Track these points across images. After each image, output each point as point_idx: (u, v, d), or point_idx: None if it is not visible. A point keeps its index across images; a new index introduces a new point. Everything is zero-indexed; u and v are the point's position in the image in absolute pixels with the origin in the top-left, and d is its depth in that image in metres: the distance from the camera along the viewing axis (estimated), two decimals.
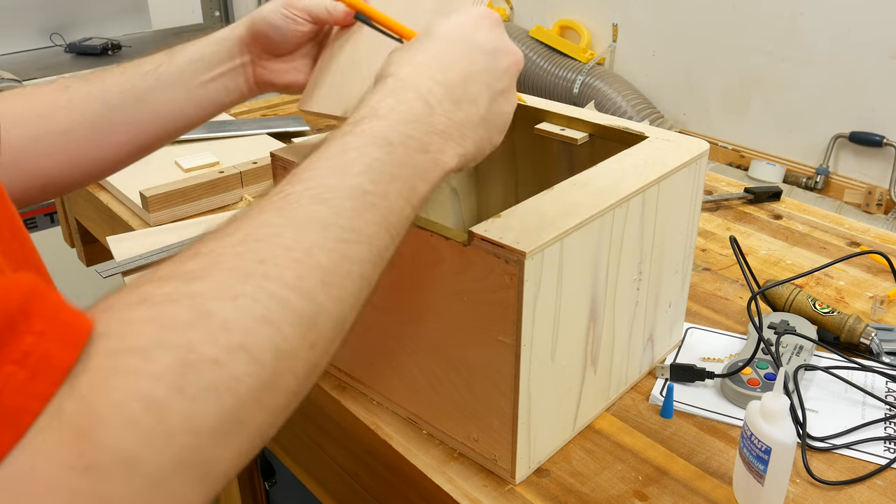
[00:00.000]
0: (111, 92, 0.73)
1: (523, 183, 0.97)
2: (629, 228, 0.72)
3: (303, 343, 0.39)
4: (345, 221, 0.44)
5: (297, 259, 0.40)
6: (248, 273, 0.38)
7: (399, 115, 0.49)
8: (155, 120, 0.74)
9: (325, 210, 0.43)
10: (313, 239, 0.42)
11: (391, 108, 0.50)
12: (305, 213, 0.43)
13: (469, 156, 0.54)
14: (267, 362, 0.36)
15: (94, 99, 0.72)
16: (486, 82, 0.54)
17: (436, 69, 0.53)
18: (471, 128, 0.53)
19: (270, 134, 1.48)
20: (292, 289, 0.39)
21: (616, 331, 0.76)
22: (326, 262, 0.42)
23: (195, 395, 0.33)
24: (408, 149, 0.49)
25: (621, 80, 2.59)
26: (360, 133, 0.48)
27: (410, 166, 0.49)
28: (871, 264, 1.07)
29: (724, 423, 0.78)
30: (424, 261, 0.68)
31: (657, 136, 0.82)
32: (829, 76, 2.19)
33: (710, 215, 1.21)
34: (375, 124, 0.48)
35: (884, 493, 0.70)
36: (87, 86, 0.73)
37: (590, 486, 0.70)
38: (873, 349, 0.86)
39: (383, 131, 0.48)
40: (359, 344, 0.79)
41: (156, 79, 0.74)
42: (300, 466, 1.02)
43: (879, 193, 2.15)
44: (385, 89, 0.51)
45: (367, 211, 0.45)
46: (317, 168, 0.46)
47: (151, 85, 0.74)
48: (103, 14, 2.83)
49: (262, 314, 0.37)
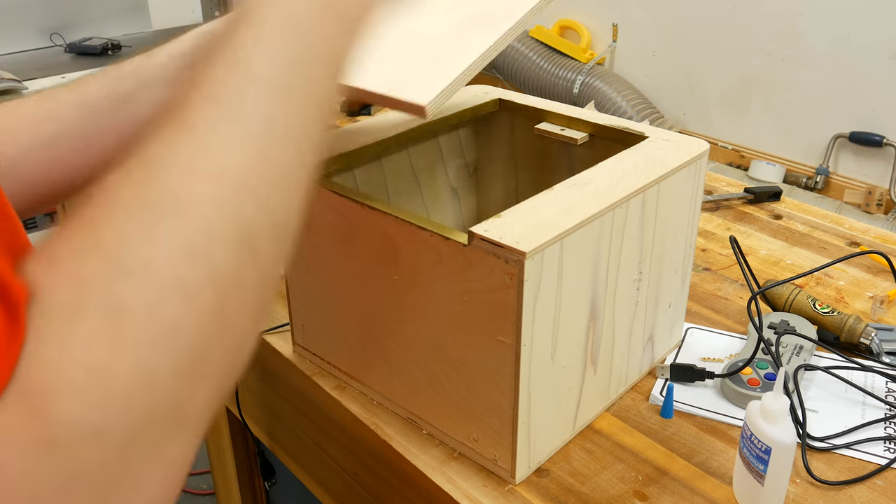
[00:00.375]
0: (94, 97, 0.70)
1: (523, 183, 0.97)
2: (629, 228, 0.72)
3: (240, 264, 0.35)
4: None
5: (212, 174, 0.36)
6: (156, 205, 0.34)
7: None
8: (139, 123, 0.71)
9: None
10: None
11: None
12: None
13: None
14: (205, 296, 0.33)
15: (78, 106, 0.70)
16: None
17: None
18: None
19: None
20: (216, 205, 0.35)
21: (616, 331, 0.76)
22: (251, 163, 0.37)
23: (136, 351, 0.30)
24: (317, 23, 0.45)
25: (621, 80, 2.59)
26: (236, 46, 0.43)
27: (326, 39, 0.45)
28: (871, 264, 1.07)
29: (724, 423, 0.78)
30: (424, 261, 0.68)
31: (657, 136, 0.82)
32: (829, 76, 2.19)
33: (710, 215, 1.21)
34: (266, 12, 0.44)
35: (884, 493, 0.70)
36: (70, 94, 0.70)
37: (590, 486, 0.71)
38: (873, 349, 0.86)
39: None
40: (359, 344, 0.79)
41: (137, 80, 0.71)
42: (300, 466, 1.02)
43: (879, 193, 2.15)
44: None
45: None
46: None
47: (133, 86, 0.71)
48: (103, 14, 2.83)
49: (184, 246, 0.33)
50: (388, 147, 0.83)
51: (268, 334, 0.92)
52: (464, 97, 0.94)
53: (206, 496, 2.05)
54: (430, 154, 0.92)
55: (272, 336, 0.92)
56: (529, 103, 0.92)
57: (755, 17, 2.30)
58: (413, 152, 0.90)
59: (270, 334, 0.92)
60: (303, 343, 0.87)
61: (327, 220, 0.75)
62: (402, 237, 0.68)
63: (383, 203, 0.70)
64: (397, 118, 0.87)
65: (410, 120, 0.86)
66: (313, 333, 0.85)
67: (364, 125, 0.85)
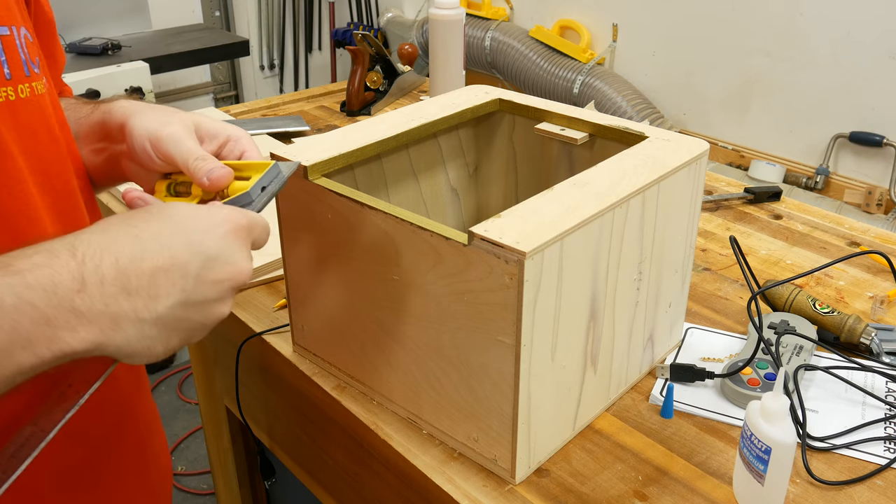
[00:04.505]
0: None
1: (523, 183, 0.97)
2: (629, 228, 0.72)
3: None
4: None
5: None
6: None
7: (34, 278, 0.45)
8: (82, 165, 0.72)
9: None
10: None
11: (34, 265, 0.46)
12: None
13: (116, 348, 0.48)
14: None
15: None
16: (182, 287, 0.50)
17: (129, 251, 0.49)
18: (134, 322, 0.48)
19: (270, 134, 1.49)
20: None
21: (616, 331, 0.76)
22: None
23: None
24: (21, 315, 0.44)
25: (621, 80, 2.59)
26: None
27: (13, 332, 0.44)
28: (871, 264, 1.07)
29: (724, 423, 0.78)
30: (424, 261, 0.68)
31: (657, 136, 0.82)
32: (829, 76, 2.19)
33: (710, 215, 1.21)
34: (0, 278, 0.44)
35: (884, 493, 0.70)
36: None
37: (590, 486, 0.71)
38: (873, 349, 0.86)
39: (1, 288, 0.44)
40: (359, 344, 0.79)
41: (77, 129, 0.72)
42: (300, 466, 1.02)
43: (879, 193, 2.15)
44: (47, 245, 0.48)
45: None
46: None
47: (76, 132, 0.72)
48: (103, 14, 2.84)
49: None
50: (388, 147, 0.83)
51: (268, 334, 0.92)
52: (464, 97, 0.94)
53: (206, 496, 2.05)
54: (430, 154, 0.92)
55: (272, 336, 0.92)
56: (529, 103, 0.92)
57: (755, 17, 2.29)
58: (413, 152, 0.90)
59: (270, 334, 0.92)
60: (303, 343, 0.87)
61: (327, 220, 0.75)
62: (402, 237, 0.68)
63: (383, 203, 0.70)
64: (397, 118, 0.87)
65: (410, 120, 0.86)
66: (313, 333, 0.85)
67: (364, 125, 0.85)
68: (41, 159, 0.62)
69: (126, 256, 0.49)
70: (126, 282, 0.48)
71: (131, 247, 0.49)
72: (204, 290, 0.52)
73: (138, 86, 2.35)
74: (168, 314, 0.50)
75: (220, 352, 1.14)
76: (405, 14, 3.41)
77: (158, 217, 0.53)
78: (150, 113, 0.68)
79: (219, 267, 0.53)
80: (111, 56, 2.52)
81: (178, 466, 2.15)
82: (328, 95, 1.78)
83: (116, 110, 0.70)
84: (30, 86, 0.60)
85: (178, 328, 0.51)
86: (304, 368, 0.86)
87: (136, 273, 0.49)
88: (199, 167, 0.62)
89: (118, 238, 0.50)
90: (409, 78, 1.76)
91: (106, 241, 0.49)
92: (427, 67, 1.63)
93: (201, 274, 0.52)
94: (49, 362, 0.46)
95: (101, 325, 0.47)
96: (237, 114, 1.64)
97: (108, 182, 0.75)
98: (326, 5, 3.65)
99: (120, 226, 0.51)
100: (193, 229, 0.53)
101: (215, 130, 0.68)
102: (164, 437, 0.85)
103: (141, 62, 2.40)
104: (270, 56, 3.74)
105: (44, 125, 0.63)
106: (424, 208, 0.94)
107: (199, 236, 0.53)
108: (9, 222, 0.58)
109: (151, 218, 0.53)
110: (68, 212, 0.65)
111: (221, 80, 3.62)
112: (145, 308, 0.49)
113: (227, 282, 0.53)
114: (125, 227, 0.51)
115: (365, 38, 1.62)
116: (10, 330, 0.44)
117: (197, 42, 2.75)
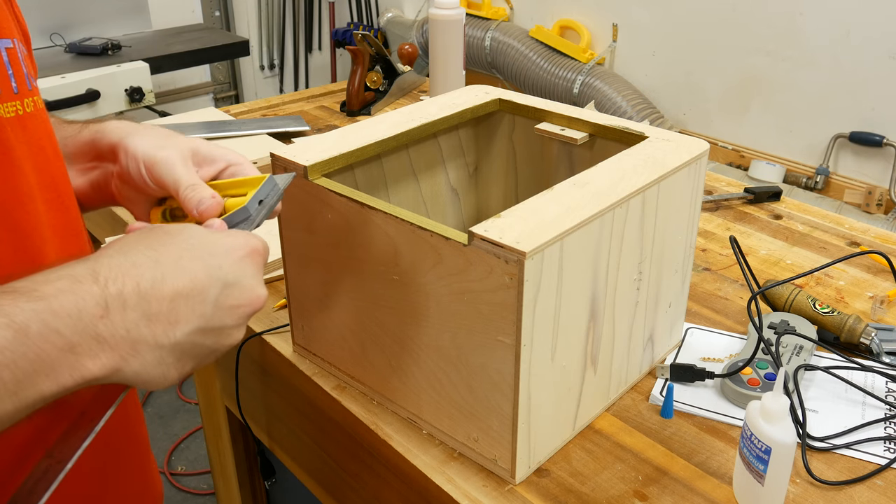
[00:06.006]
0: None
1: (523, 183, 0.97)
2: (629, 228, 0.72)
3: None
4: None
5: None
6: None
7: (59, 304, 0.45)
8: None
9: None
10: None
11: (58, 291, 0.45)
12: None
13: (133, 374, 0.48)
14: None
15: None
16: (201, 313, 0.50)
17: (149, 276, 0.49)
18: (153, 348, 0.48)
19: (270, 134, 1.49)
20: None
21: (616, 331, 0.76)
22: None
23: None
24: (46, 342, 0.44)
25: (621, 80, 2.59)
26: (1, 308, 0.43)
27: (38, 361, 0.44)
28: (871, 264, 1.07)
29: (724, 423, 0.78)
30: (424, 261, 0.68)
31: (657, 136, 0.82)
32: (829, 76, 2.19)
33: (710, 215, 1.21)
34: (23, 304, 0.44)
35: (884, 493, 0.70)
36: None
37: (590, 486, 0.71)
38: (873, 349, 0.86)
39: (25, 314, 0.43)
40: (359, 344, 0.79)
41: (63, 148, 0.69)
42: (300, 466, 1.02)
43: (879, 193, 2.15)
44: (69, 269, 0.47)
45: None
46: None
47: (63, 152, 0.69)
48: (103, 14, 2.83)
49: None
50: (388, 147, 0.83)
51: (268, 334, 0.92)
52: (464, 97, 0.94)
53: (206, 496, 2.05)
54: (430, 154, 0.92)
55: (272, 336, 0.92)
56: (529, 103, 0.92)
57: (755, 16, 2.29)
58: (413, 152, 0.90)
59: (270, 334, 0.92)
60: (303, 343, 0.87)
61: (327, 220, 0.75)
62: (402, 237, 0.68)
63: (383, 203, 0.70)
64: (397, 118, 0.87)
65: (410, 120, 0.86)
66: (313, 333, 0.85)
67: (364, 125, 0.85)
68: (50, 175, 0.61)
69: (147, 281, 0.48)
70: (147, 307, 0.48)
71: (152, 271, 0.49)
72: (221, 317, 0.52)
73: (138, 86, 2.35)
74: (185, 340, 0.50)
75: None
76: (405, 14, 3.41)
77: (176, 240, 0.52)
78: (147, 134, 0.66)
79: (237, 293, 0.53)
80: (111, 56, 2.52)
81: (178, 466, 2.15)
82: (328, 95, 1.78)
83: (111, 130, 0.68)
84: (32, 100, 0.59)
85: (192, 354, 0.51)
86: (304, 368, 0.86)
87: (156, 298, 0.48)
88: (189, 197, 0.61)
89: (138, 262, 0.49)
90: (409, 78, 1.76)
91: (126, 264, 0.49)
92: (427, 67, 1.63)
93: (219, 300, 0.51)
94: (69, 389, 0.46)
95: (122, 351, 0.47)
96: (237, 114, 1.64)
97: (94, 204, 0.73)
98: (326, 5, 3.65)
99: (139, 248, 0.51)
100: (211, 253, 0.52)
101: (214, 156, 0.66)
102: (155, 462, 0.84)
103: (141, 62, 2.40)
104: (270, 56, 3.74)
105: (49, 140, 0.61)
106: (424, 208, 0.94)
107: (218, 260, 0.52)
108: (20, 240, 0.57)
109: (169, 241, 0.52)
110: (70, 229, 0.64)
111: (221, 80, 3.62)
112: (164, 334, 0.49)
113: (244, 307, 0.53)
114: (144, 250, 0.50)
115: (365, 38, 1.62)
116: (35, 358, 0.44)
117: (197, 42, 2.76)
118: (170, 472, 2.11)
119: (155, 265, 0.49)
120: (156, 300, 0.48)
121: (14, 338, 0.43)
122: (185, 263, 0.51)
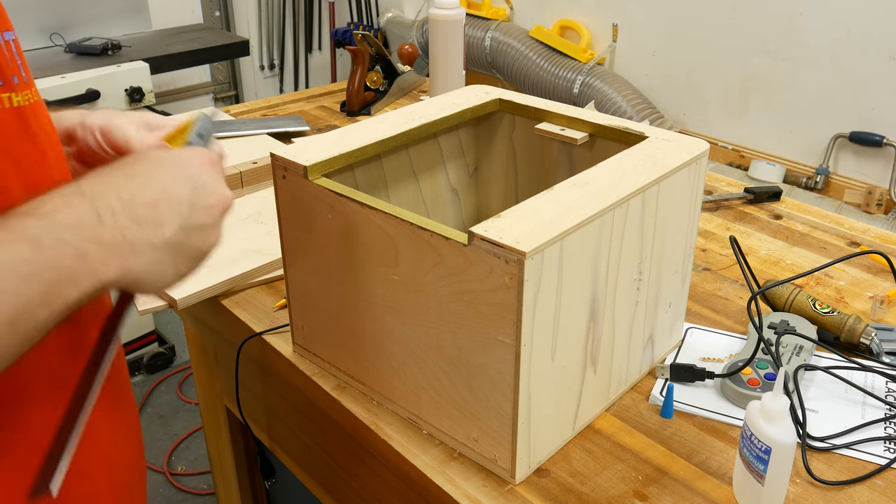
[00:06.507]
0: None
1: (523, 183, 0.97)
2: (629, 228, 0.72)
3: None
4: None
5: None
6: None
7: (60, 218, 0.49)
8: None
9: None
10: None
11: (54, 209, 0.49)
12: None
13: (139, 274, 0.53)
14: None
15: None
16: (180, 213, 0.55)
17: (127, 187, 0.53)
18: (149, 248, 0.53)
19: (270, 134, 1.49)
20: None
21: (616, 331, 0.76)
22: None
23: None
24: (60, 253, 0.48)
25: (621, 80, 2.59)
26: (12, 228, 0.47)
27: (60, 270, 0.48)
28: (871, 264, 1.07)
29: (724, 423, 0.78)
30: (424, 261, 0.68)
31: (657, 136, 0.82)
32: (829, 76, 2.19)
33: (710, 215, 1.21)
34: (29, 222, 0.48)
35: (884, 493, 0.70)
36: None
37: (590, 486, 0.71)
38: (873, 349, 0.86)
39: (35, 229, 0.48)
40: (359, 344, 0.79)
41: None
42: (300, 466, 1.02)
43: (879, 193, 2.15)
44: (56, 192, 0.51)
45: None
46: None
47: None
48: (103, 14, 2.83)
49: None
50: (388, 147, 0.83)
51: (268, 334, 0.92)
52: (464, 97, 0.94)
53: (206, 496, 2.05)
54: (430, 154, 0.92)
55: (272, 336, 0.92)
56: (529, 103, 0.92)
57: (755, 16, 2.29)
58: (413, 152, 0.90)
59: (270, 334, 0.92)
60: (303, 343, 0.87)
61: (327, 220, 0.75)
62: (402, 237, 0.69)
63: (383, 203, 0.70)
64: (397, 118, 0.87)
65: (410, 120, 0.86)
66: (313, 333, 0.85)
67: (364, 125, 0.85)
68: (62, 161, 0.64)
69: (127, 192, 0.53)
70: (133, 213, 0.52)
71: (128, 184, 0.54)
72: (199, 216, 0.56)
73: (138, 86, 2.35)
74: (174, 239, 0.54)
75: (220, 352, 1.14)
76: (405, 14, 3.41)
77: (143, 160, 0.58)
78: (102, 111, 0.74)
79: (206, 194, 0.57)
80: (111, 56, 2.52)
81: (178, 466, 2.15)
82: (328, 95, 1.78)
83: (68, 115, 0.74)
84: (32, 90, 0.62)
85: (182, 253, 0.56)
86: (304, 368, 0.86)
87: (139, 205, 0.53)
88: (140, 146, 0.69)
89: (114, 179, 0.54)
90: (409, 78, 1.76)
91: (105, 182, 0.53)
92: (427, 67, 1.63)
93: (193, 201, 0.56)
94: (90, 295, 0.50)
95: (123, 254, 0.51)
96: (237, 114, 1.64)
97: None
98: (326, 5, 3.65)
99: (112, 170, 0.56)
100: (176, 164, 0.58)
101: (162, 123, 0.73)
102: (142, 441, 0.84)
103: (141, 62, 2.40)
104: (270, 56, 3.74)
105: (52, 127, 0.64)
106: (424, 208, 0.94)
107: (184, 169, 0.58)
108: None
109: (137, 161, 0.58)
110: None
111: (221, 80, 3.62)
112: (154, 235, 0.53)
113: (216, 207, 0.58)
114: (117, 171, 0.56)
115: (365, 38, 1.62)
116: (57, 267, 0.48)
117: (197, 42, 2.75)
118: (170, 472, 2.11)
119: (130, 179, 0.55)
120: (139, 206, 0.53)
121: (33, 251, 0.47)
122: (156, 175, 0.56)
